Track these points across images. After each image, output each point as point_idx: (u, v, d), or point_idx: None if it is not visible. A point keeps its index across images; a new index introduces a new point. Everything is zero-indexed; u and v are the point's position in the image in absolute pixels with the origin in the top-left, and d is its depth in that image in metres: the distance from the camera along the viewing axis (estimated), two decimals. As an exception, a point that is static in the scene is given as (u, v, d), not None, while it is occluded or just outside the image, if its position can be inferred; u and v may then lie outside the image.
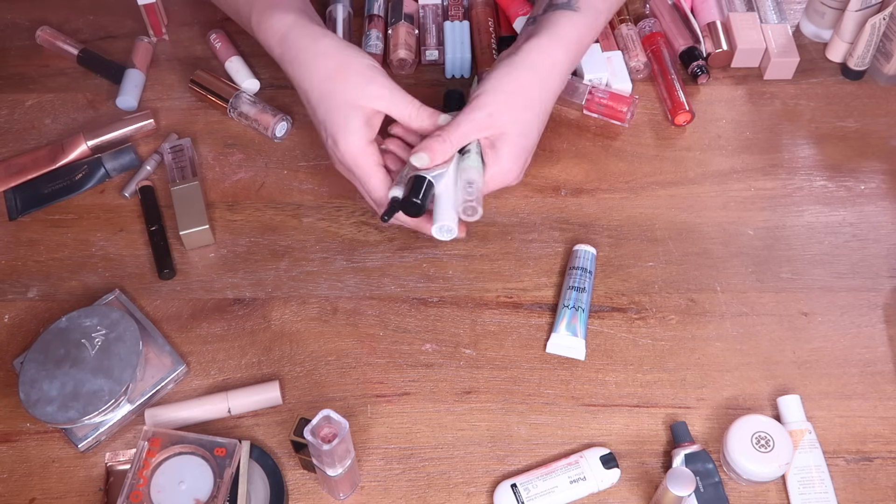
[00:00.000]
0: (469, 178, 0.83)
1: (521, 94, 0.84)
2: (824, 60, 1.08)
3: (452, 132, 0.83)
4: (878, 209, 0.96)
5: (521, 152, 0.85)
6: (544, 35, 0.86)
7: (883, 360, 0.87)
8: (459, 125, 0.83)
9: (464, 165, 0.84)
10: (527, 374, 0.86)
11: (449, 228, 0.83)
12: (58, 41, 1.08)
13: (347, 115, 0.83)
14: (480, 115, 0.83)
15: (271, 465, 0.80)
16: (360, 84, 0.83)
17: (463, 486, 0.80)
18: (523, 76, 0.85)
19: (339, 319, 0.89)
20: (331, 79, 0.83)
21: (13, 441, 0.83)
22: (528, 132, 0.85)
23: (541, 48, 0.86)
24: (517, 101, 0.84)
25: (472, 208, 0.83)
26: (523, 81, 0.84)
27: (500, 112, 0.83)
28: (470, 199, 0.82)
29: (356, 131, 0.83)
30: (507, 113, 0.84)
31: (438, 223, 0.83)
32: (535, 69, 0.85)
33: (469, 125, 0.83)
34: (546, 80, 0.86)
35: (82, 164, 0.98)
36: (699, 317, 0.89)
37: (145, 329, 0.87)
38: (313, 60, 0.84)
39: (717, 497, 0.78)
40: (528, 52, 0.85)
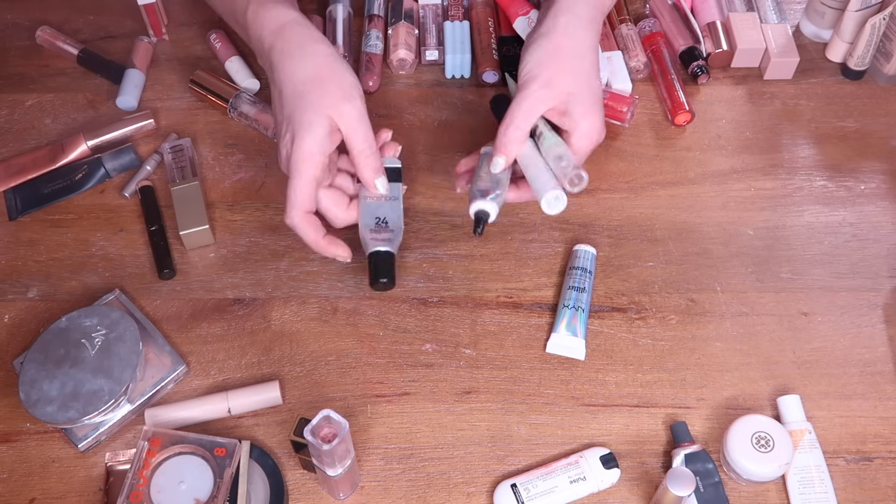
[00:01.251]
0: (556, 153, 0.82)
1: (564, 55, 0.84)
2: (824, 60, 1.08)
3: (515, 114, 0.82)
4: (878, 209, 0.96)
5: (593, 106, 0.84)
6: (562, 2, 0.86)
7: (883, 360, 0.87)
8: (520, 104, 0.83)
9: (545, 147, 0.83)
10: (527, 374, 0.86)
11: (556, 196, 0.81)
12: (58, 41, 1.08)
13: (315, 118, 0.81)
14: (535, 86, 0.83)
15: (271, 465, 0.80)
16: (338, 97, 0.82)
17: (463, 486, 0.80)
18: (556, 40, 0.84)
19: (339, 319, 0.89)
20: (312, 81, 0.83)
21: (13, 441, 0.83)
22: (589, 85, 0.84)
23: (563, 9, 0.85)
24: (563, 62, 0.83)
25: (577, 176, 0.81)
26: (559, 44, 0.84)
27: (553, 78, 0.83)
28: (570, 170, 0.81)
29: (317, 137, 0.81)
30: (560, 75, 0.83)
31: (546, 195, 0.81)
32: (565, 30, 0.84)
33: (529, 101, 0.83)
34: (581, 35, 0.85)
35: (82, 164, 0.98)
36: (699, 317, 0.89)
37: (145, 329, 0.87)
38: (303, 58, 0.84)
39: (717, 497, 0.78)
40: (552, 18, 0.85)
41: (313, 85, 0.83)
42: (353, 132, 0.83)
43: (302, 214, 0.83)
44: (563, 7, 0.86)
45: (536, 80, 0.83)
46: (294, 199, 0.82)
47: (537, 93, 0.83)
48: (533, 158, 0.84)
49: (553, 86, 0.83)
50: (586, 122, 0.83)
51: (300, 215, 0.83)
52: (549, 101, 0.83)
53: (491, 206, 0.83)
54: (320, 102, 0.82)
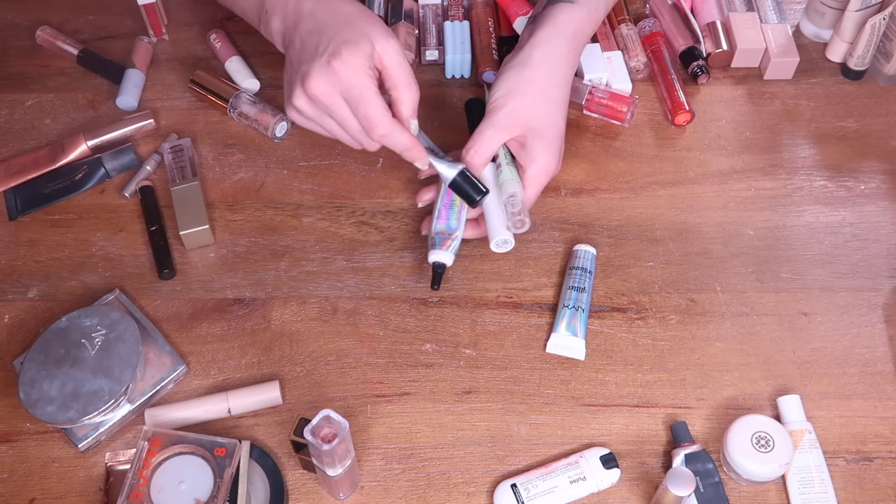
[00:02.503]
0: (509, 191, 0.86)
1: (533, 88, 0.85)
2: (824, 60, 1.08)
3: (477, 142, 0.85)
4: (878, 209, 0.96)
5: (552, 142, 0.86)
6: (544, 28, 0.88)
7: (883, 360, 0.87)
8: (483, 132, 0.85)
9: (501, 181, 0.86)
10: (527, 374, 0.86)
11: (505, 240, 0.86)
12: (58, 41, 1.08)
13: (363, 40, 0.78)
14: (498, 116, 0.85)
15: (271, 465, 0.80)
16: (384, 32, 0.80)
17: (463, 486, 0.80)
18: (528, 71, 0.86)
19: (339, 319, 0.89)
20: (358, 14, 0.80)
21: (13, 441, 0.83)
22: (552, 121, 0.86)
23: (542, 41, 0.87)
24: (531, 94, 0.85)
25: (520, 221, 0.85)
26: (530, 76, 0.85)
27: (517, 109, 0.85)
28: (516, 213, 0.85)
29: (366, 54, 0.78)
30: (525, 108, 0.85)
31: (494, 239, 0.86)
32: (539, 63, 0.86)
33: (491, 129, 0.85)
34: (553, 70, 0.87)
35: (82, 164, 0.98)
36: (699, 317, 0.89)
37: (145, 329, 0.87)
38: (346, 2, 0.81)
39: (717, 497, 0.78)
40: (530, 48, 0.87)
41: (358, 17, 0.80)
42: (398, 66, 0.80)
43: (390, 120, 0.79)
44: (542, 39, 0.87)
45: (502, 110, 0.85)
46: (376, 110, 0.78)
47: (500, 121, 0.85)
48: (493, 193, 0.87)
49: (516, 118, 0.85)
50: (542, 159, 0.85)
51: (389, 122, 0.79)
52: (512, 131, 0.85)
53: (448, 256, 0.87)
54: (365, 30, 0.79)
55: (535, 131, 0.85)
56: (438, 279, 0.87)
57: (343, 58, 0.77)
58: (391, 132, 0.80)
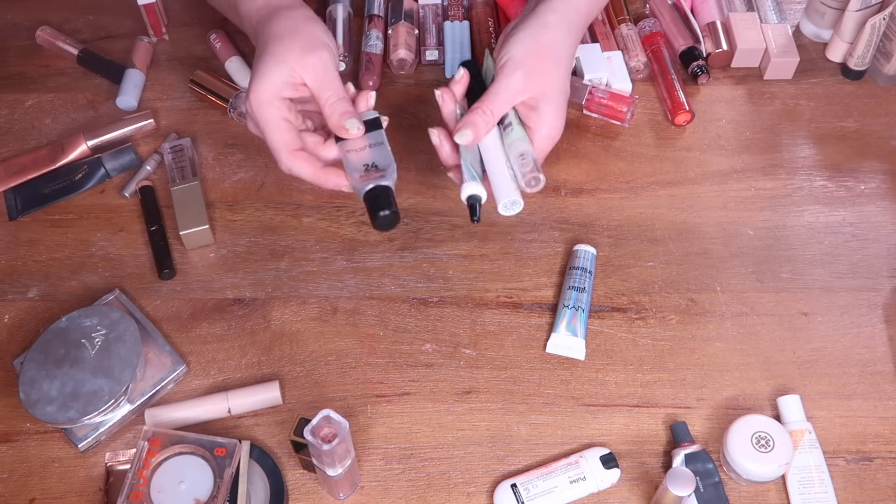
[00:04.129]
0: (520, 150, 0.82)
1: (549, 52, 0.84)
2: (824, 60, 1.08)
3: (492, 101, 0.83)
4: (878, 209, 0.96)
5: (561, 108, 0.85)
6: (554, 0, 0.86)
7: (883, 360, 0.87)
8: (497, 93, 0.83)
9: (510, 140, 0.83)
10: (527, 374, 0.86)
11: (513, 201, 0.82)
12: (58, 41, 1.08)
13: (272, 68, 0.80)
14: (515, 78, 0.83)
15: (271, 465, 0.80)
16: (302, 49, 0.80)
17: (463, 486, 0.80)
18: (546, 35, 0.84)
19: (339, 319, 0.89)
20: (279, 38, 0.81)
21: (13, 441, 0.83)
22: (563, 87, 0.85)
23: (556, 8, 0.86)
24: (547, 58, 0.84)
25: (535, 178, 0.81)
26: (547, 40, 0.84)
27: (534, 71, 0.83)
28: (529, 171, 0.81)
29: (273, 83, 0.79)
30: (542, 71, 0.84)
31: (502, 200, 0.82)
32: (555, 28, 0.85)
33: (507, 92, 0.83)
34: (567, 37, 0.86)
35: (82, 164, 0.98)
36: (699, 317, 0.89)
37: (145, 329, 0.87)
38: (279, 20, 0.82)
39: (717, 497, 0.78)
40: (544, 13, 0.85)
41: (280, 40, 0.81)
42: (318, 82, 0.81)
43: (290, 154, 0.81)
44: (554, 7, 0.86)
45: (519, 70, 0.83)
46: (274, 146, 0.81)
47: (519, 82, 0.83)
48: (495, 152, 0.84)
49: (532, 80, 0.83)
50: (551, 122, 0.84)
51: (287, 155, 0.81)
52: (527, 93, 0.83)
53: (481, 188, 0.82)
54: (284, 55, 0.80)
55: (547, 95, 0.83)
56: (476, 211, 0.82)
57: (250, 94, 0.80)
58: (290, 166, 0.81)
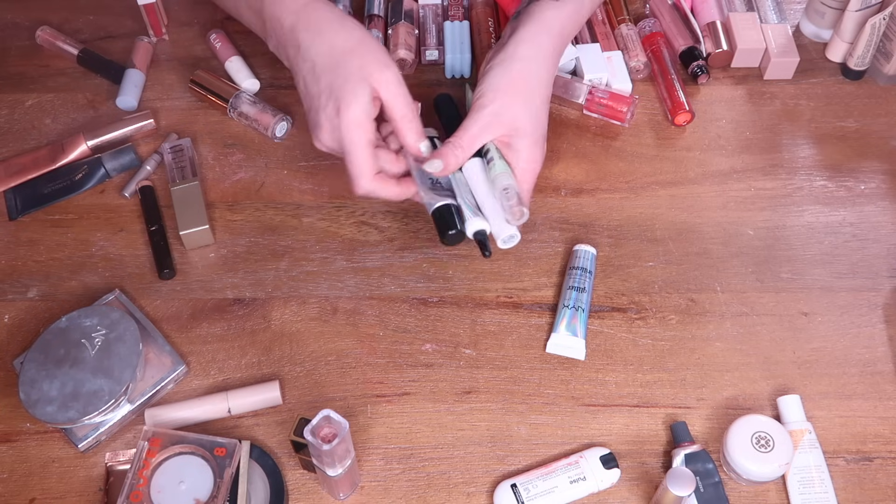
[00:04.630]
0: (503, 185, 0.84)
1: (519, 86, 0.85)
2: (824, 60, 1.08)
3: (462, 137, 0.84)
4: (878, 209, 0.96)
5: (538, 141, 0.86)
6: (528, 26, 0.88)
7: (883, 360, 0.87)
8: (468, 129, 0.84)
9: (493, 175, 0.85)
10: (527, 374, 0.86)
11: (511, 235, 0.84)
12: (58, 41, 1.08)
13: (358, 86, 0.82)
14: (485, 114, 0.84)
15: (271, 465, 0.80)
16: (378, 65, 0.83)
17: (463, 486, 0.80)
18: (515, 68, 0.85)
19: (339, 319, 0.89)
20: (350, 51, 0.83)
21: (13, 441, 0.83)
22: (537, 120, 0.86)
23: (525, 39, 0.87)
24: (517, 93, 0.85)
25: (518, 211, 0.83)
26: (516, 74, 0.85)
27: (504, 107, 0.84)
28: (514, 204, 0.83)
29: (362, 104, 0.82)
30: (512, 107, 0.85)
31: (500, 237, 0.84)
32: (524, 60, 0.86)
33: (477, 127, 0.84)
34: (539, 67, 0.87)
35: (82, 164, 0.98)
36: (699, 317, 0.89)
37: (145, 329, 0.87)
38: (336, 32, 0.84)
39: (717, 497, 0.78)
40: (514, 45, 0.87)
41: (352, 54, 0.83)
42: (395, 97, 0.83)
43: (371, 179, 0.84)
44: (526, 36, 0.87)
45: (488, 108, 0.84)
46: (358, 169, 0.83)
47: (486, 119, 0.84)
48: (484, 187, 0.86)
49: (502, 117, 0.84)
50: (527, 157, 0.85)
51: (370, 181, 0.83)
52: (497, 130, 0.85)
53: (484, 222, 0.85)
54: (361, 71, 0.82)
55: (520, 130, 0.85)
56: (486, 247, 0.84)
57: (341, 113, 0.82)
58: (371, 191, 0.84)
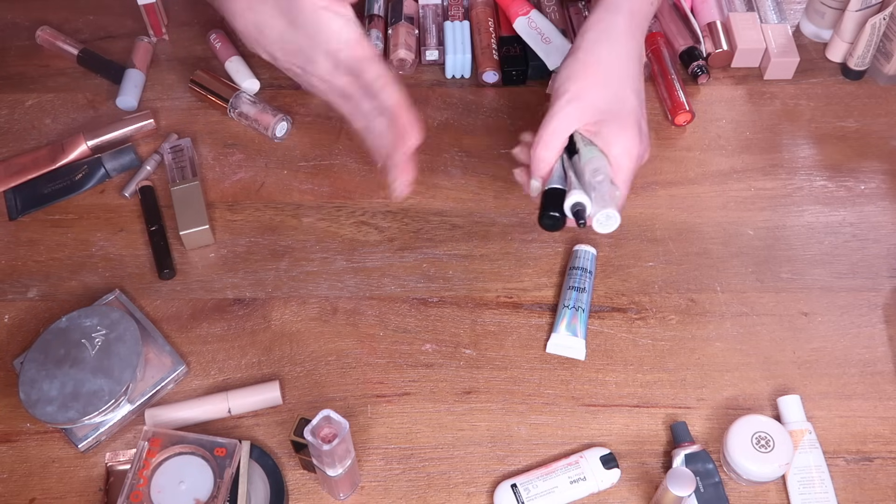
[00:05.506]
0: (593, 166, 0.78)
1: (593, 70, 0.80)
2: (824, 60, 1.08)
3: (543, 133, 0.79)
4: (878, 209, 0.96)
5: (627, 124, 0.79)
6: (595, 12, 0.83)
7: (883, 360, 0.87)
8: (548, 123, 0.79)
9: (582, 163, 0.79)
10: (527, 374, 0.86)
11: (608, 215, 0.77)
12: (58, 41, 1.08)
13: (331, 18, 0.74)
14: (560, 104, 0.79)
15: (271, 465, 0.80)
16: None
17: (463, 486, 0.80)
18: (582, 55, 0.80)
19: (339, 319, 0.89)
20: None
21: (13, 441, 0.83)
22: (621, 101, 0.80)
23: (594, 21, 0.82)
24: (591, 77, 0.80)
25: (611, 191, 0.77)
26: (586, 60, 0.80)
27: (580, 94, 0.79)
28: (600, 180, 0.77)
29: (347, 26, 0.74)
30: (588, 92, 0.79)
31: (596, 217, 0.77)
32: (594, 43, 0.81)
33: (555, 119, 0.79)
34: (613, 47, 0.81)
35: (82, 164, 0.98)
36: (699, 317, 0.89)
37: (145, 329, 0.87)
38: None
39: (717, 497, 0.78)
40: (582, 32, 0.82)
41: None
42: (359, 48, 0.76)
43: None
44: (594, 20, 0.82)
45: (562, 97, 0.79)
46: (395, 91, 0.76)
47: (564, 109, 0.79)
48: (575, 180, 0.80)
49: (580, 100, 0.79)
50: (620, 143, 0.79)
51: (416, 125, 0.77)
52: (578, 116, 0.79)
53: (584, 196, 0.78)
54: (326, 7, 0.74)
55: (604, 114, 0.79)
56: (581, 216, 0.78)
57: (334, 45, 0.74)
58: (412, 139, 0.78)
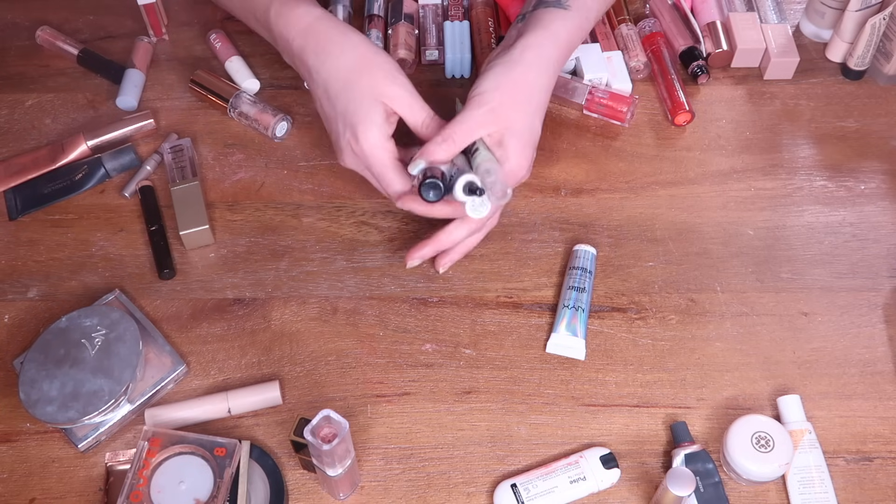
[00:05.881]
0: (486, 168, 0.82)
1: (520, 89, 0.85)
2: (824, 60, 1.08)
3: (455, 130, 0.83)
4: (878, 209, 0.96)
5: (528, 145, 0.85)
6: (536, 32, 0.87)
7: (883, 360, 0.87)
8: (463, 122, 0.83)
9: (476, 162, 0.83)
10: (527, 374, 0.86)
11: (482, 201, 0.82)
12: (58, 41, 1.08)
13: (370, 108, 0.83)
14: (482, 111, 0.84)
15: (271, 465, 0.80)
16: (387, 80, 0.84)
17: (463, 486, 0.80)
18: (517, 71, 0.85)
19: (339, 319, 0.89)
20: (358, 71, 0.84)
21: (13, 441, 0.83)
22: (531, 125, 0.85)
23: (532, 45, 0.86)
24: (517, 95, 0.85)
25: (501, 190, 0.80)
26: (518, 77, 0.85)
27: (501, 107, 0.84)
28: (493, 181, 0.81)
29: (378, 125, 0.83)
30: (509, 107, 0.84)
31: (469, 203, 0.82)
32: (528, 65, 0.86)
33: (472, 122, 0.84)
34: (541, 75, 0.86)
35: (82, 164, 0.98)
36: (699, 317, 0.89)
37: (145, 329, 0.87)
38: (342, 51, 0.85)
39: (717, 497, 0.78)
40: (521, 50, 0.86)
41: (359, 75, 0.84)
42: (409, 109, 0.84)
43: (407, 197, 0.85)
44: (534, 42, 0.87)
45: (485, 105, 0.84)
46: (392, 188, 0.85)
47: (482, 117, 0.83)
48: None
49: (498, 115, 0.84)
50: (516, 159, 0.84)
51: (406, 198, 0.85)
52: (491, 126, 0.84)
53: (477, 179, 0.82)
54: (372, 91, 0.83)
55: (513, 131, 0.84)
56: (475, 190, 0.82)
57: (359, 139, 0.83)
58: (410, 207, 0.85)
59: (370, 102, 0.83)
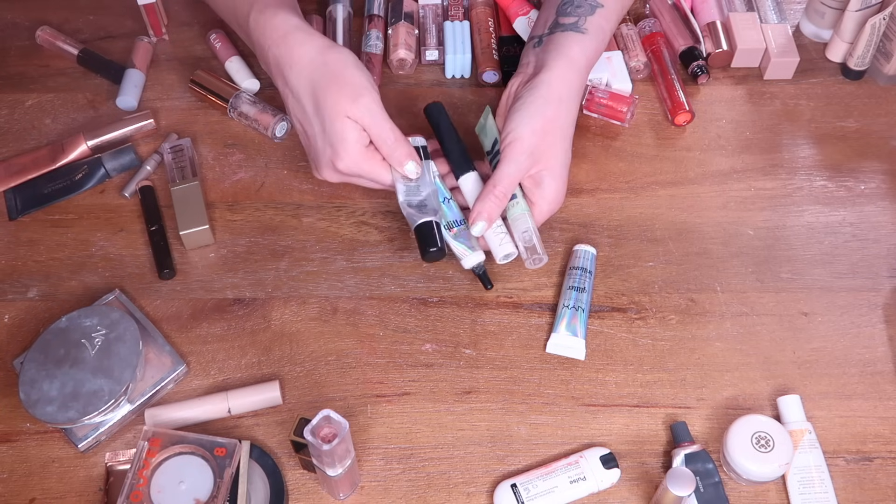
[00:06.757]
0: (523, 227, 0.86)
1: (556, 126, 0.87)
2: (824, 60, 1.08)
3: (502, 183, 0.85)
4: (878, 209, 0.96)
5: (563, 179, 0.88)
6: (559, 63, 0.88)
7: (883, 360, 0.87)
8: (508, 174, 0.85)
9: (513, 215, 0.87)
10: (527, 374, 0.86)
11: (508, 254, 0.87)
12: (58, 41, 1.08)
13: (343, 128, 0.83)
14: (522, 158, 0.85)
15: (271, 465, 0.80)
16: (351, 96, 0.83)
17: (463, 486, 0.80)
18: (549, 110, 0.86)
19: (339, 319, 0.89)
20: (325, 88, 0.83)
21: (13, 441, 0.83)
22: (565, 159, 0.88)
23: (559, 77, 0.87)
24: (553, 135, 0.86)
25: (538, 258, 0.86)
26: (550, 114, 0.86)
27: (539, 151, 0.86)
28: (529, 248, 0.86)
29: (354, 140, 0.84)
30: (546, 148, 0.86)
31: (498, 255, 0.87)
32: (560, 102, 0.87)
33: (517, 174, 0.86)
34: (571, 110, 0.88)
35: (82, 164, 0.98)
36: (699, 317, 0.89)
37: (145, 329, 0.87)
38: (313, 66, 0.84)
39: (717, 497, 0.78)
40: (548, 84, 0.87)
41: (326, 92, 0.84)
42: (372, 125, 0.84)
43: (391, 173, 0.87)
44: (558, 75, 0.87)
45: (527, 153, 0.85)
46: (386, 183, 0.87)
47: (525, 163, 0.85)
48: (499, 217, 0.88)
49: (537, 158, 0.86)
50: (553, 195, 0.87)
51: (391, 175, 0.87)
52: (531, 170, 0.86)
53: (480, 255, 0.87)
54: (337, 107, 0.83)
55: (550, 169, 0.86)
56: (487, 280, 0.89)
57: (342, 158, 0.84)
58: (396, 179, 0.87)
59: (341, 123, 0.83)
